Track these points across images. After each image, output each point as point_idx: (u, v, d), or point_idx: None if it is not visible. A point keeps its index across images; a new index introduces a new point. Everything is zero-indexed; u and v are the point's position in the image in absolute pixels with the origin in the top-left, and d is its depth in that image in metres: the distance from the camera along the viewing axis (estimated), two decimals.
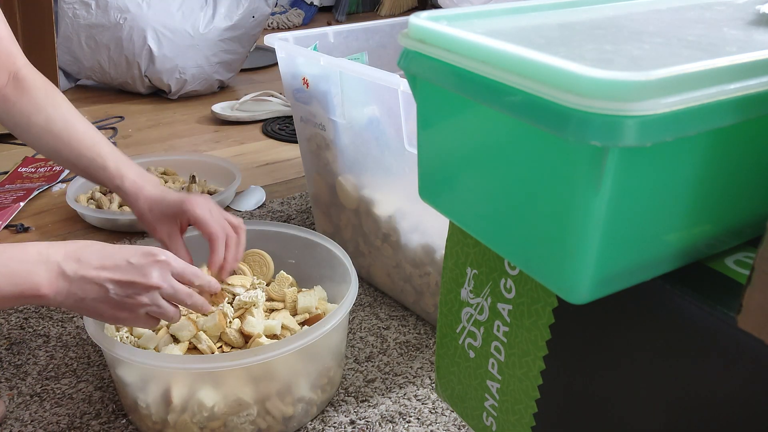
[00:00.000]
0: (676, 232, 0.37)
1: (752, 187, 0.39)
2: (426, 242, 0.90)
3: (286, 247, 0.94)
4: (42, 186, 1.38)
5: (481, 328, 0.53)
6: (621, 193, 0.33)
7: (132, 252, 0.66)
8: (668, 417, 0.39)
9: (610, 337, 0.42)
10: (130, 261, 0.65)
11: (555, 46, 0.37)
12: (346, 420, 0.80)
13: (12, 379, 0.86)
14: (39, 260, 0.62)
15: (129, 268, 0.65)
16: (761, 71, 0.33)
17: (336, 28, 1.10)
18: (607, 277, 0.36)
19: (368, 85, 0.88)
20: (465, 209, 0.44)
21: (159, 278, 0.66)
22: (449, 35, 0.39)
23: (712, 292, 0.37)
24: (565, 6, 0.46)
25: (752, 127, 0.36)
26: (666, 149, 0.33)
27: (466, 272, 0.53)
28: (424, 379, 0.86)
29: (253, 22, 2.00)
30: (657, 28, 0.41)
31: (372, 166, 0.94)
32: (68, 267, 0.63)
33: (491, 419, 0.54)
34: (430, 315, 0.95)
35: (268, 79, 2.24)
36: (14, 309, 0.99)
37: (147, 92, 2.00)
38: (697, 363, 0.37)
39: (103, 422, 0.79)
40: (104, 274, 0.64)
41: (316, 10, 3.33)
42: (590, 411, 0.45)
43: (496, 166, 0.39)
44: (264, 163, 1.56)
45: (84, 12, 1.83)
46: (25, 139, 0.88)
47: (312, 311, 0.85)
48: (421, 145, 0.47)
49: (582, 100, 0.31)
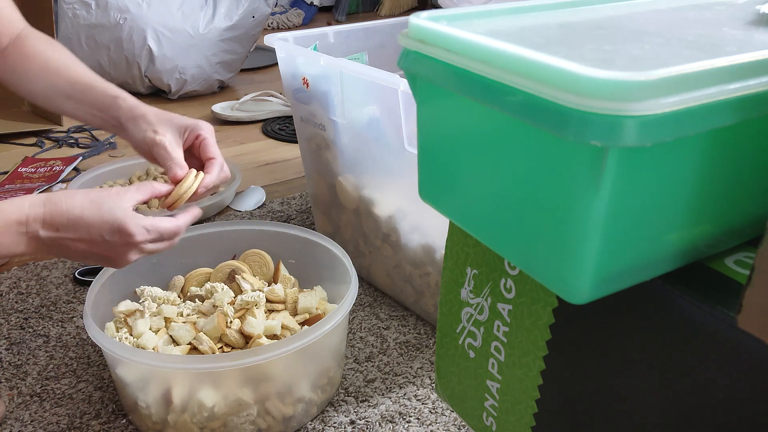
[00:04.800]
0: (676, 232, 0.37)
1: (752, 187, 0.39)
2: (426, 242, 0.90)
3: (286, 247, 0.94)
4: (42, 186, 1.38)
5: (481, 328, 0.53)
6: (621, 193, 0.33)
7: (108, 226, 0.66)
8: (668, 417, 0.39)
9: (610, 337, 0.42)
10: (105, 237, 0.66)
11: (555, 46, 0.37)
12: (346, 420, 0.80)
13: (12, 379, 0.86)
14: (19, 231, 0.64)
15: (103, 245, 0.66)
16: (761, 71, 0.33)
17: (336, 28, 1.10)
18: (607, 277, 0.36)
19: (368, 85, 0.88)
20: (465, 209, 0.44)
21: (135, 255, 0.68)
22: (449, 35, 0.39)
23: (712, 292, 0.37)
24: (565, 6, 0.46)
25: (752, 127, 0.36)
26: (666, 149, 0.33)
27: (466, 272, 0.53)
28: (424, 379, 0.86)
29: (253, 22, 2.00)
30: (657, 28, 0.41)
31: (372, 166, 0.94)
32: (46, 235, 0.65)
33: (491, 419, 0.54)
34: (430, 315, 0.95)
35: (268, 79, 2.24)
36: (14, 309, 0.99)
37: (147, 92, 2.00)
38: (697, 363, 0.37)
39: (103, 422, 0.79)
40: (80, 246, 0.66)
41: (316, 10, 3.33)
42: (590, 411, 0.45)
43: (496, 166, 0.39)
44: (264, 163, 1.56)
45: (84, 12, 1.83)
46: (19, 85, 0.85)
47: (312, 311, 0.85)
48: (421, 145, 0.47)
49: (582, 100, 0.31)
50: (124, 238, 0.66)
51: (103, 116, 0.82)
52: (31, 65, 0.84)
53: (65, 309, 1.00)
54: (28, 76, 0.84)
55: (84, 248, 0.66)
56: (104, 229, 0.66)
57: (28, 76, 0.84)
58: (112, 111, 0.81)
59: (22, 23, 0.87)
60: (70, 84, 0.83)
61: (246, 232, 0.95)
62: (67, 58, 0.86)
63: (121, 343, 0.74)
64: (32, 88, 0.85)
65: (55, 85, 0.83)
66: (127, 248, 0.67)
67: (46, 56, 0.85)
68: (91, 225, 0.65)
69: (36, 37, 0.86)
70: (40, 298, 1.02)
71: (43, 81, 0.84)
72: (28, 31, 0.87)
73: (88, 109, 0.83)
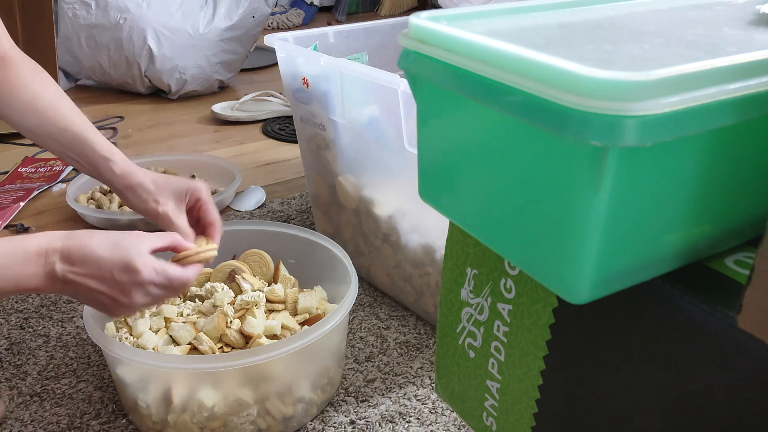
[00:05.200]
0: (676, 232, 0.37)
1: (752, 187, 0.39)
2: (426, 242, 0.90)
3: (286, 247, 0.94)
4: (42, 186, 1.38)
5: (481, 328, 0.53)
6: (621, 193, 0.33)
7: (118, 263, 0.65)
8: (668, 416, 0.39)
9: (610, 337, 0.42)
10: (114, 276, 0.65)
11: (555, 46, 0.37)
12: (346, 420, 0.80)
13: (12, 379, 0.86)
14: (38, 263, 0.63)
15: (112, 284, 0.65)
16: (761, 71, 0.33)
17: (336, 28, 1.10)
18: (607, 277, 0.36)
19: (368, 85, 0.88)
20: (465, 209, 0.44)
21: (140, 297, 0.66)
22: (449, 35, 0.39)
23: (712, 292, 0.37)
24: (565, 6, 0.46)
25: (752, 127, 0.36)
26: (666, 149, 0.33)
27: (466, 272, 0.53)
28: (424, 379, 0.86)
29: (253, 22, 2.00)
30: (657, 28, 0.41)
31: (372, 166, 0.94)
32: (62, 269, 0.64)
33: (491, 419, 0.54)
34: (430, 315, 0.95)
35: (268, 79, 2.24)
36: (14, 309, 0.99)
37: (147, 92, 2.00)
38: (697, 363, 0.37)
39: (103, 422, 0.79)
40: (90, 283, 0.65)
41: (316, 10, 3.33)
42: (590, 411, 0.45)
43: (496, 166, 0.39)
44: (264, 163, 1.56)
45: (84, 12, 1.83)
46: (6, 117, 0.83)
47: (312, 311, 0.85)
48: (421, 145, 0.47)
49: (582, 100, 0.31)
50: (131, 276, 0.65)
51: (95, 173, 0.81)
52: (17, 96, 0.81)
53: (65, 309, 1.00)
54: (14, 108, 0.82)
55: (93, 286, 0.65)
56: (115, 266, 0.65)
57: (13, 107, 0.82)
58: (105, 174, 0.81)
59: (8, 42, 0.84)
60: (59, 130, 0.81)
61: (246, 232, 0.95)
62: (54, 96, 0.83)
63: (121, 343, 0.74)
64: (18, 121, 0.83)
65: (42, 126, 0.81)
66: (133, 287, 0.65)
67: (33, 90, 0.82)
68: (103, 261, 0.65)
69: (22, 63, 0.83)
70: (40, 297, 1.02)
71: (30, 119, 0.82)
72: (14, 53, 0.84)
73: (76, 158, 0.81)
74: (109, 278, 0.64)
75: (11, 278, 0.62)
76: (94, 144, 0.80)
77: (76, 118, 0.82)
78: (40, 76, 0.84)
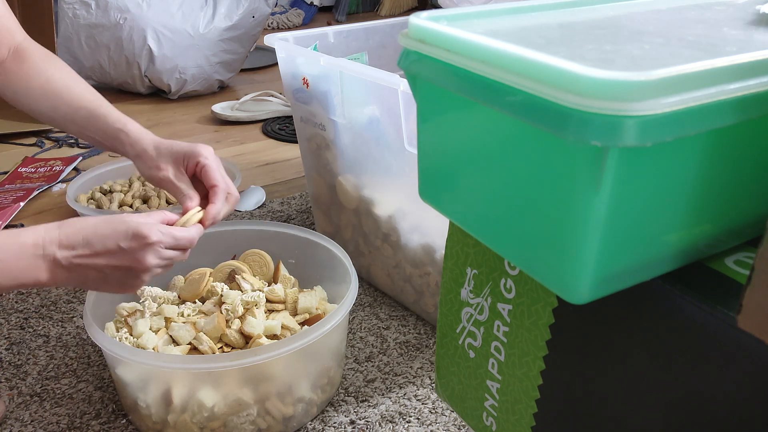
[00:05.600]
0: (676, 232, 0.37)
1: (752, 187, 0.39)
2: (426, 242, 0.90)
3: (286, 247, 0.94)
4: (42, 186, 1.38)
5: (481, 328, 0.53)
6: (621, 193, 0.33)
7: (123, 234, 0.65)
8: (668, 417, 0.39)
9: (610, 337, 0.42)
10: (121, 246, 0.65)
11: (555, 46, 0.37)
12: (346, 420, 0.80)
13: (12, 379, 0.86)
14: (36, 254, 0.63)
15: (122, 255, 0.65)
16: (761, 71, 0.33)
17: (336, 28, 1.10)
18: (607, 277, 0.36)
19: (368, 85, 0.88)
20: (465, 209, 0.44)
21: (154, 259, 0.66)
22: (449, 35, 0.39)
23: (712, 292, 0.37)
24: (565, 6, 0.46)
25: (752, 127, 0.36)
26: (666, 149, 0.33)
27: (466, 272, 0.53)
28: (424, 379, 0.86)
29: (253, 22, 2.00)
30: (657, 28, 0.41)
31: (372, 166, 0.94)
32: (64, 256, 0.64)
33: (491, 419, 0.54)
34: (430, 315, 0.95)
35: (268, 79, 2.24)
36: (14, 309, 0.99)
37: (147, 92, 2.00)
38: (697, 363, 0.37)
39: (103, 422, 0.79)
40: (99, 261, 0.65)
41: (316, 10, 3.33)
42: (590, 411, 0.45)
43: (496, 166, 0.39)
44: (264, 163, 1.56)
45: (84, 12, 1.83)
46: (23, 105, 0.85)
47: (312, 311, 0.85)
48: (421, 145, 0.47)
49: (582, 100, 0.31)
50: (140, 241, 0.65)
51: (112, 147, 0.83)
52: (32, 83, 0.84)
53: (65, 309, 1.00)
54: (29, 94, 0.84)
55: (102, 263, 0.65)
56: (119, 236, 0.65)
57: (28, 94, 0.84)
58: (118, 146, 0.82)
59: (21, 34, 0.86)
60: (73, 109, 0.83)
61: (246, 232, 0.95)
62: (68, 78, 0.85)
63: (121, 343, 0.74)
64: (34, 107, 0.85)
65: (57, 108, 0.83)
66: (145, 251, 0.66)
67: (47, 75, 0.84)
68: (107, 236, 0.65)
69: (36, 52, 0.85)
70: (40, 297, 1.02)
71: (45, 102, 0.84)
72: (28, 44, 0.86)
73: (92, 134, 0.83)
74: (118, 250, 0.65)
75: (8, 271, 0.62)
76: (108, 117, 0.81)
77: (90, 96, 0.83)
78: (53, 61, 0.86)
